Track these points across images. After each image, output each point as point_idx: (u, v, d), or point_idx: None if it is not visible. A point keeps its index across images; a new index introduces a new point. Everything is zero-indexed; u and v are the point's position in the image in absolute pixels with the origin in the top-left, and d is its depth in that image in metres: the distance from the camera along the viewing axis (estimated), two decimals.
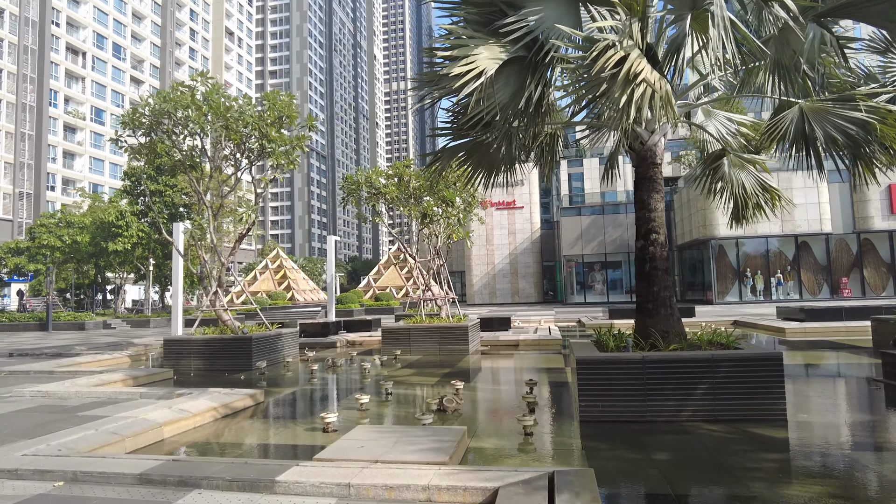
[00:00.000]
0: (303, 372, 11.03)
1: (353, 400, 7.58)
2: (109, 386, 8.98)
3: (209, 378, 10.46)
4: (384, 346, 13.36)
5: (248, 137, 11.59)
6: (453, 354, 12.78)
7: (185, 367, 11.46)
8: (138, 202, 30.17)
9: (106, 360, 12.89)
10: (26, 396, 7.90)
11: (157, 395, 7.51)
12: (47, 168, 59.37)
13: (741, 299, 33.67)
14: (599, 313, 26.34)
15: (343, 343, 16.26)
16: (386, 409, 7.14)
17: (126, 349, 16.04)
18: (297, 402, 8.02)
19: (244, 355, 11.41)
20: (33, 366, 11.25)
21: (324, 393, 8.71)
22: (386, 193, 14.55)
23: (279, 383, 9.83)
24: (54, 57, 61.05)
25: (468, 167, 8.29)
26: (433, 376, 9.92)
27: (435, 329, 13.17)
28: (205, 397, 7.01)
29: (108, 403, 7.23)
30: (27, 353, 14.72)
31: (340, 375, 10.38)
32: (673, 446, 5.14)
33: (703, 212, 34.36)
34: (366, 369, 10.24)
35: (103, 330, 26.94)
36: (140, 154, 11.99)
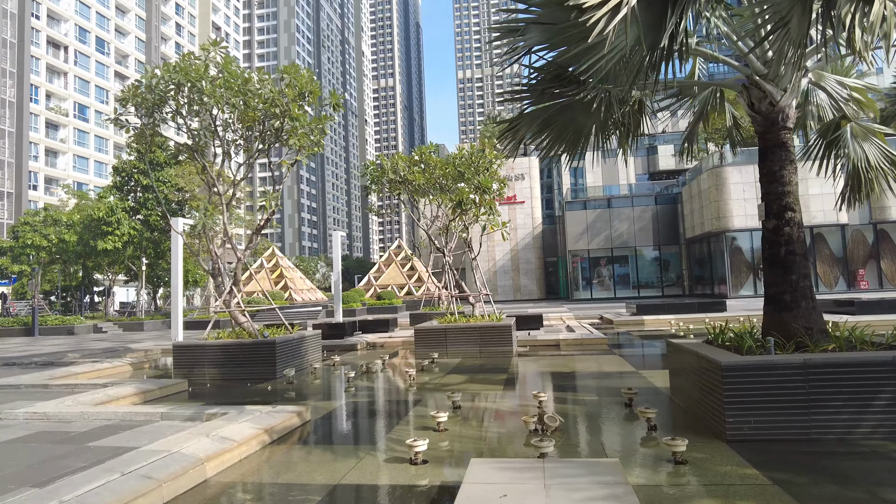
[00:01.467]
0: (337, 380, 9.69)
1: (425, 417, 6.29)
2: (118, 403, 7.59)
3: (229, 390, 9.09)
4: (417, 347, 12.05)
5: (267, 116, 10.19)
6: (496, 357, 11.52)
7: (199, 376, 10.07)
8: (129, 198, 28.49)
9: (105, 369, 11.46)
10: (19, 419, 6.49)
11: (183, 416, 6.15)
12: (29, 166, 57.06)
13: (756, 293, 32.76)
14: (621, 309, 25.24)
15: (363, 345, 14.93)
16: (470, 428, 5.85)
17: (125, 356, 14.57)
18: (352, 421, 6.69)
19: (267, 362, 10.04)
20: (23, 378, 9.79)
21: (377, 407, 7.38)
22: (412, 181, 13.24)
23: (317, 395, 8.49)
24: (34, 51, 58.68)
25: (546, 138, 7.03)
26: (491, 383, 8.65)
27: (474, 329, 11.88)
28: (245, 419, 5.67)
29: (123, 428, 5.86)
30: (14, 363, 13.20)
31: (383, 384, 9.06)
32: (885, 478, 3.92)
33: (716, 204, 33.44)
34: (410, 376, 8.94)
35: (94, 334, 25.29)
36: (143, 137, 10.52)
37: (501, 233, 12.97)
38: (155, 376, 11.76)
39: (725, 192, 33.06)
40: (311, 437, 5.86)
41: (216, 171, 10.82)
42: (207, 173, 10.63)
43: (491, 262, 49.07)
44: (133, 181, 29.10)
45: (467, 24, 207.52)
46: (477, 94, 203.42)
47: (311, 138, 10.65)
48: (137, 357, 14.98)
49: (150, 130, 10.60)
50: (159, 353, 15.85)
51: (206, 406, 6.74)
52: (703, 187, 35.40)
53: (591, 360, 11.00)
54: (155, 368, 12.89)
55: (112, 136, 68.40)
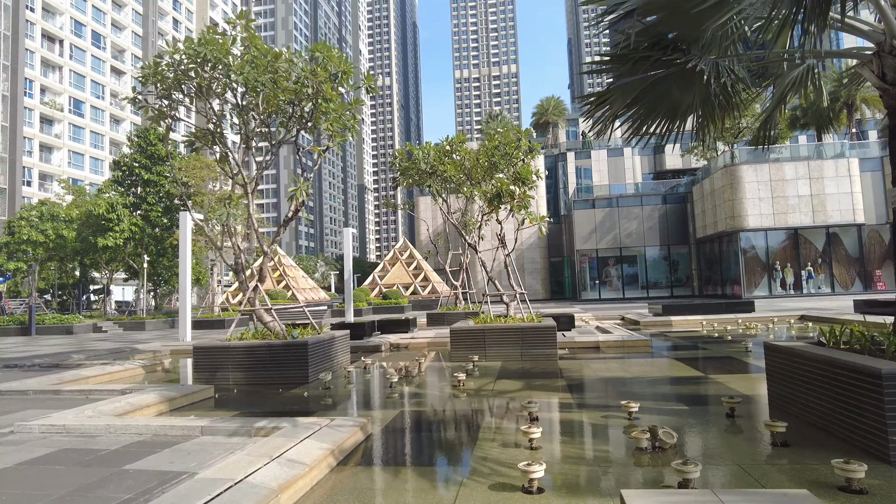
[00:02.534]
0: (377, 385, 8.85)
1: (504, 431, 5.47)
2: (143, 413, 6.73)
3: (261, 397, 8.24)
4: (453, 350, 11.21)
5: (298, 97, 9.34)
6: (539, 360, 10.71)
7: (223, 380, 9.20)
8: (129, 193, 27.48)
9: (116, 372, 10.57)
10: (35, 433, 5.63)
11: (227, 431, 5.30)
12: (23, 162, 55.77)
13: (770, 293, 32.18)
14: (640, 310, 24.50)
15: (387, 346, 14.08)
16: (568, 445, 5.03)
17: (133, 358, 13.67)
18: (421, 434, 5.86)
19: (298, 365, 9.19)
20: (29, 382, 8.89)
21: (440, 417, 6.55)
22: (444, 172, 12.41)
23: (363, 403, 7.65)
24: (29, 44, 57.40)
25: (635, 115, 6.24)
26: (553, 391, 7.84)
27: (515, 330, 11.06)
28: (305, 435, 4.83)
29: (160, 446, 5.01)
30: (16, 364, 12.27)
31: (431, 389, 8.22)
32: None
33: (730, 203, 32.81)
34: (459, 381, 8.11)
35: (94, 334, 24.28)
36: (161, 119, 9.64)
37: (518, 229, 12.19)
38: (170, 380, 10.88)
39: (740, 191, 32.44)
40: (384, 456, 5.03)
41: (240, 159, 9.94)
42: (230, 161, 9.76)
43: (496, 262, 48.24)
44: (134, 176, 28.09)
45: (465, 24, 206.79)
46: (474, 94, 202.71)
47: (343, 123, 9.81)
48: (147, 358, 14.08)
49: (170, 112, 9.72)
50: (168, 355, 14.95)
51: (247, 417, 5.88)
52: (716, 186, 34.77)
53: (645, 363, 10.22)
54: (168, 371, 12.00)
55: (108, 133, 67.13)
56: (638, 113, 6.23)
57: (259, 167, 10.11)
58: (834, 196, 31.68)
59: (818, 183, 31.84)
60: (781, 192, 32.01)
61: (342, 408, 7.34)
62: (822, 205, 31.74)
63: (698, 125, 6.32)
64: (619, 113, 6.12)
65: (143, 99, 9.39)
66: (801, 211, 31.90)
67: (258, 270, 10.09)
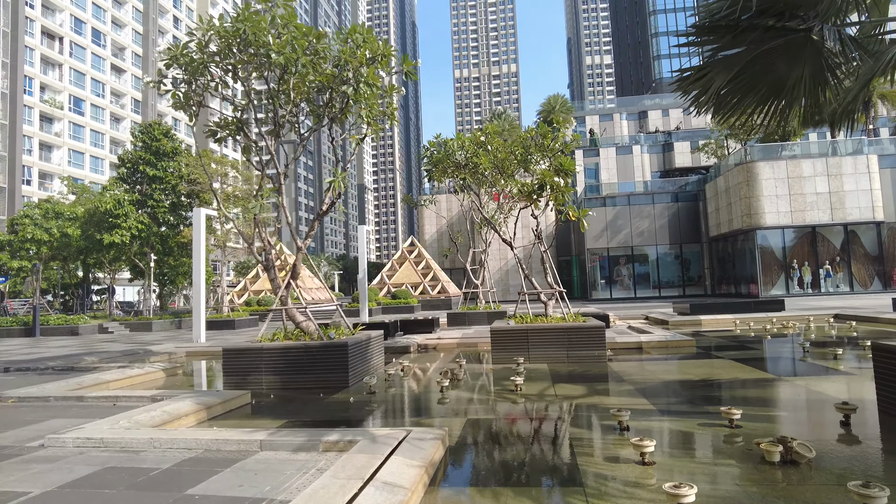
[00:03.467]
0: (428, 389, 8.20)
1: (603, 443, 4.84)
2: (181, 423, 6.09)
3: (303, 403, 7.60)
4: (494, 351, 10.57)
5: (338, 80, 8.70)
6: (586, 362, 10.08)
7: (255, 384, 8.56)
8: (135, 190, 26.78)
9: (137, 376, 9.92)
10: (69, 448, 4.98)
11: (292, 446, 4.66)
12: (23, 160, 54.96)
13: (788, 292, 31.61)
14: (664, 309, 23.91)
15: (415, 347, 13.45)
16: (688, 461, 4.39)
17: (149, 360, 13.01)
18: (507, 447, 5.22)
19: (338, 368, 8.55)
20: (48, 388, 8.23)
21: (516, 427, 5.90)
22: (479, 164, 11.78)
23: (421, 410, 7.00)
24: (29, 41, 56.59)
25: (733, 93, 5.61)
26: (623, 395, 7.21)
27: (561, 331, 10.44)
28: (386, 449, 4.20)
29: (218, 464, 4.36)
30: (27, 368, 11.59)
31: (490, 395, 7.58)
32: None
33: (746, 200, 32.24)
34: (517, 385, 7.48)
35: (100, 335, 23.59)
36: (188, 102, 8.99)
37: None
38: (195, 385, 10.24)
39: (757, 188, 31.86)
40: (478, 474, 4.39)
41: (272, 147, 9.29)
42: (263, 149, 9.10)
43: (503, 261, 47.76)
44: (139, 172, 27.38)
45: (464, 24, 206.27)
46: (474, 94, 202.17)
47: (382, 109, 9.18)
48: (163, 360, 13.43)
49: (196, 98, 9.07)
50: (184, 357, 14.31)
51: (309, 429, 5.24)
52: (731, 183, 34.20)
53: (703, 364, 9.60)
54: (189, 375, 11.35)
55: (108, 131, 66.34)
56: (735, 91, 5.61)
57: (290, 157, 9.46)
58: (853, 193, 31.14)
59: (836, 180, 31.30)
60: (799, 190, 31.46)
61: (396, 416, 6.71)
62: (841, 202, 31.20)
63: (807, 104, 5.67)
64: (720, 90, 5.49)
65: (172, 81, 8.73)
66: (819, 208, 31.35)
67: (291, 267, 9.44)
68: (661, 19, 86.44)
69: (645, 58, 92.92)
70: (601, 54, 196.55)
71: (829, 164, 31.50)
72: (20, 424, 6.04)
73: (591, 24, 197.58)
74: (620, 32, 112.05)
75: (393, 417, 6.53)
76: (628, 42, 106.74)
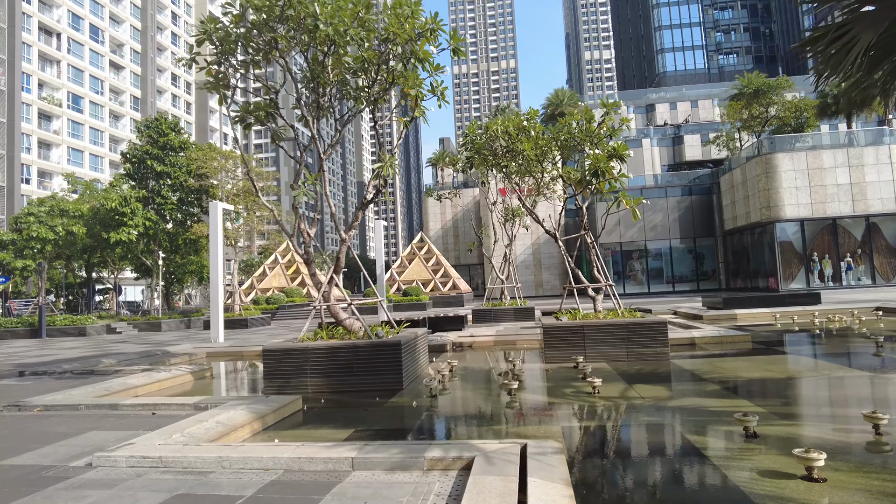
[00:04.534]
0: (494, 392, 7.47)
1: (741, 455, 4.12)
2: (238, 434, 5.37)
3: (358, 408, 6.88)
4: (548, 349, 9.85)
5: (384, 56, 7.96)
6: (649, 360, 9.38)
7: (299, 388, 7.83)
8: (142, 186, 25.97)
9: (166, 380, 9.19)
10: (122, 468, 4.25)
11: (388, 464, 3.94)
12: (21, 158, 54.00)
13: (808, 285, 30.97)
14: (692, 303, 23.26)
15: (451, 345, 12.74)
16: (865, 477, 3.69)
17: (171, 362, 12.27)
18: (631, 462, 4.50)
19: (391, 369, 7.83)
20: (74, 394, 7.49)
21: (626, 436, 5.20)
22: (523, 151, 11.05)
23: (498, 416, 6.28)
24: (26, 37, 55.56)
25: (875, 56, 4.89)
26: (711, 396, 6.51)
27: (620, 327, 9.72)
28: (526, 472, 3.48)
29: (311, 489, 3.64)
30: (44, 371, 10.84)
31: (567, 398, 6.86)
32: None
33: (765, 192, 31.57)
34: (595, 387, 6.77)
35: (109, 336, 22.84)
36: (221, 82, 8.25)
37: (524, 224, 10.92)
38: (224, 389, 9.52)
39: (776, 180, 31.18)
40: (626, 497, 3.68)
41: (313, 129, 8.54)
42: (311, 130, 8.35)
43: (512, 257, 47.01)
44: (145, 168, 26.56)
45: (462, 20, 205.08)
46: (473, 90, 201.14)
47: (430, 88, 8.45)
48: (184, 362, 12.70)
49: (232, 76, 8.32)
50: (205, 358, 13.58)
51: (401, 443, 4.51)
52: (748, 175, 33.51)
53: (777, 361, 8.92)
54: (219, 377, 10.63)
55: (108, 129, 65.36)
56: (874, 54, 4.89)
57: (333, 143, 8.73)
58: (875, 184, 30.49)
59: (858, 171, 30.64)
60: (819, 181, 30.81)
61: (476, 423, 5.99)
62: (863, 193, 30.55)
63: None
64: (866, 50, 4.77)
65: (199, 60, 7.97)
66: (840, 200, 30.71)
67: (335, 260, 8.71)
68: (664, 12, 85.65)
69: (648, 52, 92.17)
70: (600, 49, 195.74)
71: (850, 155, 30.84)
72: (55, 438, 5.31)
73: (589, 20, 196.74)
74: (622, 26, 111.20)
75: (476, 426, 5.81)
76: (630, 36, 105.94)
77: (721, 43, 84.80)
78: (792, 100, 39.81)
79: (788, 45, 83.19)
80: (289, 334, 18.43)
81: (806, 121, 40.13)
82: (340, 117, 9.30)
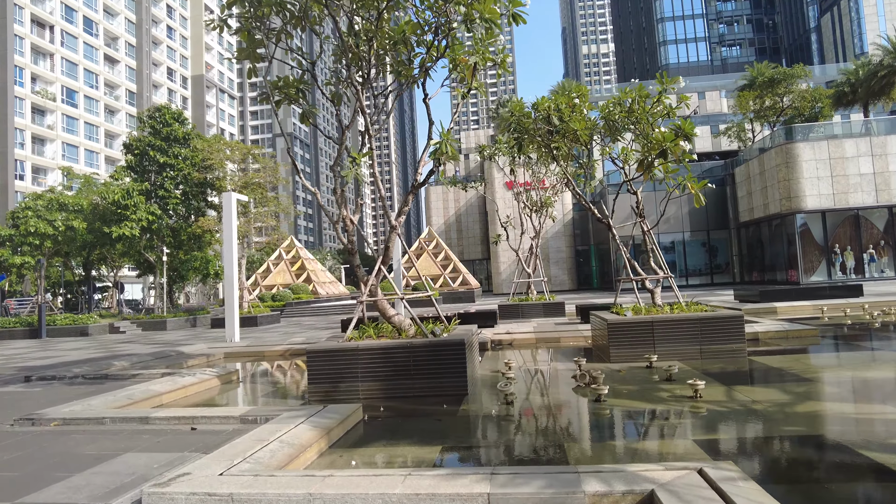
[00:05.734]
0: (572, 395, 6.54)
1: None
2: (307, 456, 4.44)
3: (425, 416, 5.96)
4: (614, 347, 8.93)
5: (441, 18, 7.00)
6: (725, 357, 8.50)
7: (350, 393, 6.90)
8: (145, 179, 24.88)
9: (191, 385, 8.23)
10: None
11: (538, 501, 3.00)
12: (14, 154, 52.63)
13: (830, 278, 30.20)
14: (723, 297, 22.44)
15: (489, 343, 11.82)
16: None
17: (188, 364, 11.31)
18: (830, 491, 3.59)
19: (453, 371, 6.91)
20: (93, 404, 6.53)
21: (792, 454, 4.29)
22: (575, 130, 10.13)
23: (599, 428, 5.36)
24: (18, 29, 54.09)
25: None
26: (835, 400, 5.61)
27: (692, 322, 8.83)
28: None
29: None
30: (52, 376, 9.85)
31: (667, 405, 5.94)
32: None
33: (785, 183, 30.75)
34: (697, 390, 5.86)
35: (112, 335, 21.80)
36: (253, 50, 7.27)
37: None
38: (260, 395, 8.57)
39: (797, 170, 30.35)
40: None
41: (363, 100, 7.57)
42: (358, 100, 7.38)
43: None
44: (147, 159, 25.45)
45: None
46: None
47: (492, 57, 7.50)
48: (202, 364, 11.75)
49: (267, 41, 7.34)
50: (223, 359, 12.64)
51: (540, 470, 3.57)
52: (767, 166, 32.67)
53: (875, 358, 8.03)
54: (249, 381, 9.68)
55: (103, 124, 63.95)
56: None
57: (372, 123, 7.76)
58: None
59: (881, 160, 29.85)
60: (842, 171, 30.01)
61: (586, 437, 5.07)
62: (886, 183, 29.77)
63: None
64: None
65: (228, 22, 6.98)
66: (863, 190, 29.92)
67: (384, 249, 7.76)
68: (666, 4, 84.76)
69: (650, 44, 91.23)
70: (598, 43, 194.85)
71: (874, 144, 30.05)
72: (85, 463, 4.35)
73: (587, 13, 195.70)
74: (622, 19, 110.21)
75: (589, 440, 4.88)
76: (631, 28, 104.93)
77: (724, 35, 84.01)
78: (807, 88, 38.95)
79: (792, 36, 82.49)
80: (306, 333, 17.48)
81: (820, 110, 39.36)
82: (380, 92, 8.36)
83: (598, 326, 9.94)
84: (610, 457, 4.24)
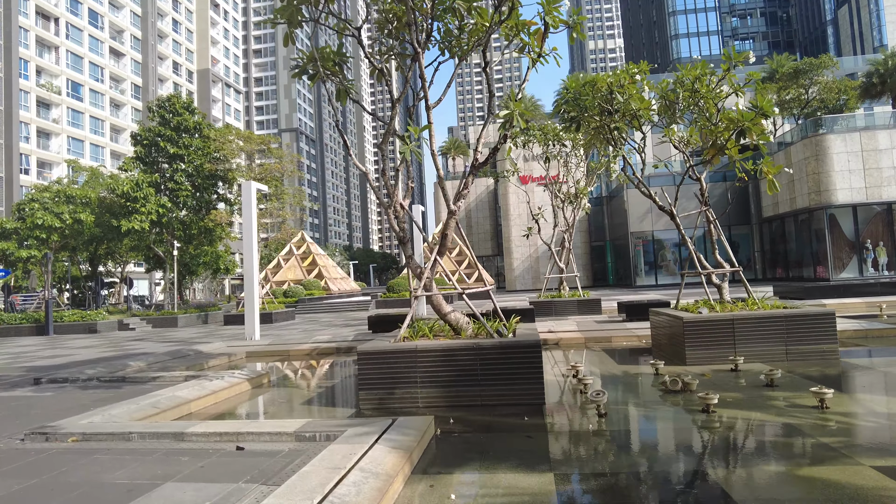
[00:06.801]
0: (669, 406, 5.62)
1: None
2: (396, 487, 3.53)
3: (507, 431, 5.03)
4: (690, 348, 7.99)
5: None
6: (814, 359, 7.56)
7: (408, 401, 6.01)
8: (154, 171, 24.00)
9: (221, 390, 7.35)
10: None
11: None
12: (20, 148, 51.88)
13: (861, 275, 29.16)
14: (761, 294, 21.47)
15: None
16: None
17: (211, 365, 10.44)
18: None
19: (527, 376, 6.00)
20: (116, 414, 5.64)
21: None
22: (636, 109, 9.18)
23: (726, 450, 4.44)
24: (23, 21, 53.26)
25: None
26: None
27: (777, 320, 7.89)
28: None
29: None
30: (64, 378, 8.97)
31: (795, 419, 5.01)
32: None
33: (815, 176, 29.70)
34: (823, 400, 4.92)
35: (122, 333, 20.96)
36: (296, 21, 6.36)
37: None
38: (298, 403, 7.67)
39: (827, 163, 29.27)
40: None
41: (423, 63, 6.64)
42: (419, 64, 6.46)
43: (532, 249, 45.17)
44: (157, 150, 24.57)
45: None
46: (476, 80, 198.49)
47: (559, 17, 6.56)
48: (225, 364, 10.88)
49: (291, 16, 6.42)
50: (244, 358, 11.77)
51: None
52: (794, 159, 31.59)
53: None
54: (282, 386, 8.78)
55: (108, 118, 63.16)
56: None
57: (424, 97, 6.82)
58: None
59: (888, 154, 28.79)
60: (875, 164, 28.94)
61: (734, 464, 4.15)
62: None
63: None
64: None
65: None
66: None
67: (441, 237, 6.84)
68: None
69: (661, 38, 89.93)
70: (604, 38, 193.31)
71: None
72: (116, 495, 3.45)
73: (593, 8, 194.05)
74: (631, 13, 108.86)
75: (737, 466, 3.95)
76: (641, 23, 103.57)
77: (737, 28, 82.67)
78: (833, 80, 37.78)
79: (808, 29, 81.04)
80: (327, 330, 16.59)
81: (845, 102, 38.23)
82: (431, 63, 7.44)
83: (666, 325, 9.00)
84: (787, 491, 3.32)
